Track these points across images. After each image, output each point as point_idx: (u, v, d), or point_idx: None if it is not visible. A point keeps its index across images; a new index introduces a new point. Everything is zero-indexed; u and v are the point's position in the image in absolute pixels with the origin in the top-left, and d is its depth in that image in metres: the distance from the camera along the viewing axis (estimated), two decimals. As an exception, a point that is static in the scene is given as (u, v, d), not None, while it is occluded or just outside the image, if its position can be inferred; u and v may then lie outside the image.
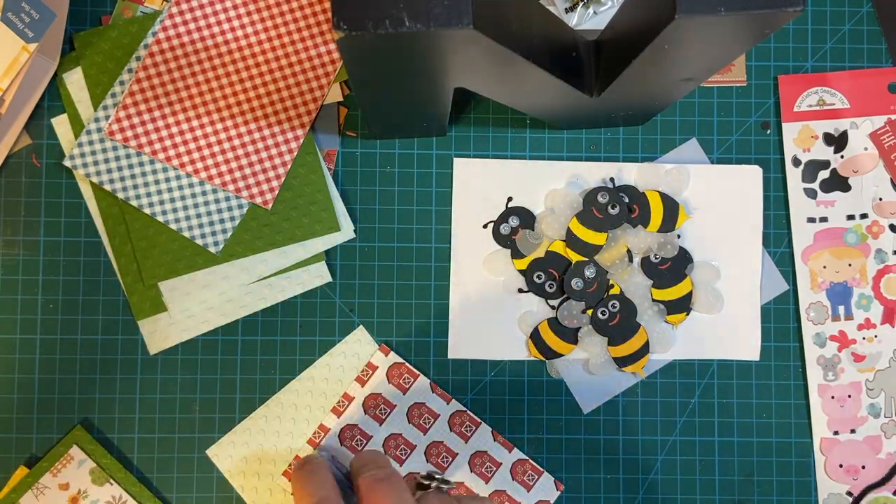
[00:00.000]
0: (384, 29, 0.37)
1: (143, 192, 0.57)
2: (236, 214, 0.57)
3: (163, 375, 0.58)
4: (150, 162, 0.57)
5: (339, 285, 0.58)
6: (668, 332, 0.58)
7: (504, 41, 0.41)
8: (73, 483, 0.56)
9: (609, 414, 0.59)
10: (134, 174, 0.57)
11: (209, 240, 0.57)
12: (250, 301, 0.58)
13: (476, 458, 0.58)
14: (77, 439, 0.56)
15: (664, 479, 0.59)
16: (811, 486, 0.59)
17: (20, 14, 0.53)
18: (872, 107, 0.59)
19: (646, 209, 0.58)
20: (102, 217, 0.57)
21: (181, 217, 0.57)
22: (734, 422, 0.59)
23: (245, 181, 0.57)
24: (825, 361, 0.59)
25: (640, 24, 0.43)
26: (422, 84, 0.47)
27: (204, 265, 0.57)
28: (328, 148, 0.59)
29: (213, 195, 0.57)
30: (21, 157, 0.58)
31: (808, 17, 0.60)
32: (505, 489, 0.58)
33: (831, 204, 0.59)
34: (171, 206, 0.57)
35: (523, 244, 0.58)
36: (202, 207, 0.57)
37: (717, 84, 0.60)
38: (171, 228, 0.57)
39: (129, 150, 0.57)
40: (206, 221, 0.57)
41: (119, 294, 0.57)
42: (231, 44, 0.57)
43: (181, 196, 0.57)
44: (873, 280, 0.59)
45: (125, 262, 0.57)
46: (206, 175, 0.57)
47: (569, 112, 0.54)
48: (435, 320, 0.58)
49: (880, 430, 0.59)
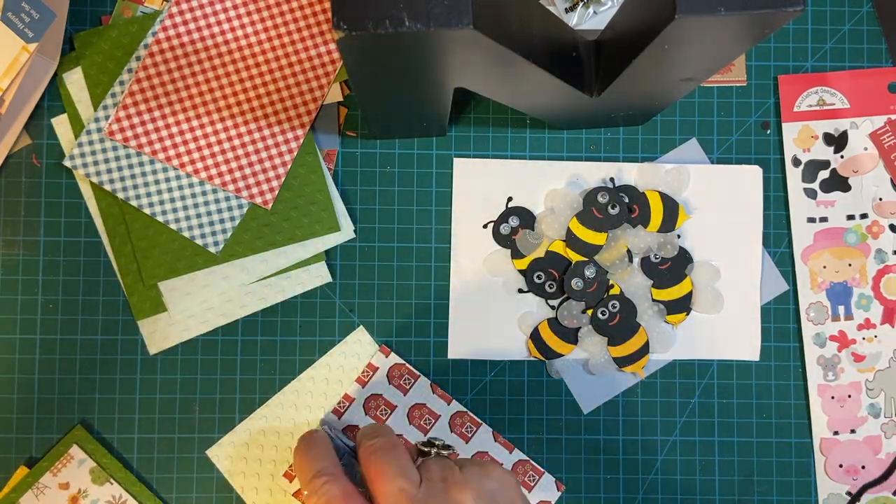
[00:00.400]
0: (384, 29, 0.37)
1: (143, 192, 0.57)
2: (236, 214, 0.57)
3: (163, 375, 0.58)
4: (150, 162, 0.57)
5: (339, 285, 0.58)
6: (668, 332, 0.58)
7: (504, 41, 0.41)
8: (73, 483, 0.56)
9: (609, 414, 0.59)
10: (134, 174, 0.57)
11: (209, 240, 0.57)
12: (250, 301, 0.58)
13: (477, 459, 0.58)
14: (77, 439, 0.56)
15: (664, 479, 0.59)
16: (811, 486, 0.59)
17: (20, 14, 0.53)
18: (872, 107, 0.59)
19: (646, 209, 0.58)
20: (102, 217, 0.57)
21: (181, 217, 0.57)
22: (734, 422, 0.59)
23: (245, 181, 0.57)
24: (825, 361, 0.59)
25: (640, 24, 0.43)
26: (422, 84, 0.47)
27: (204, 265, 0.57)
28: (328, 148, 0.59)
29: (213, 195, 0.57)
30: (21, 157, 0.58)
31: (808, 17, 0.60)
32: None
33: (831, 204, 0.59)
34: (171, 206, 0.57)
35: (523, 244, 0.58)
36: (202, 207, 0.57)
37: (717, 84, 0.60)
38: (171, 228, 0.57)
39: (129, 150, 0.57)
40: (206, 221, 0.57)
41: (119, 294, 0.57)
42: (231, 44, 0.57)
43: (181, 196, 0.57)
44: (873, 280, 0.59)
45: (125, 262, 0.57)
46: (206, 175, 0.57)
47: (569, 112, 0.54)
48: (435, 320, 0.58)
49: (880, 430, 0.59)
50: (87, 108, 0.57)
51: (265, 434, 0.58)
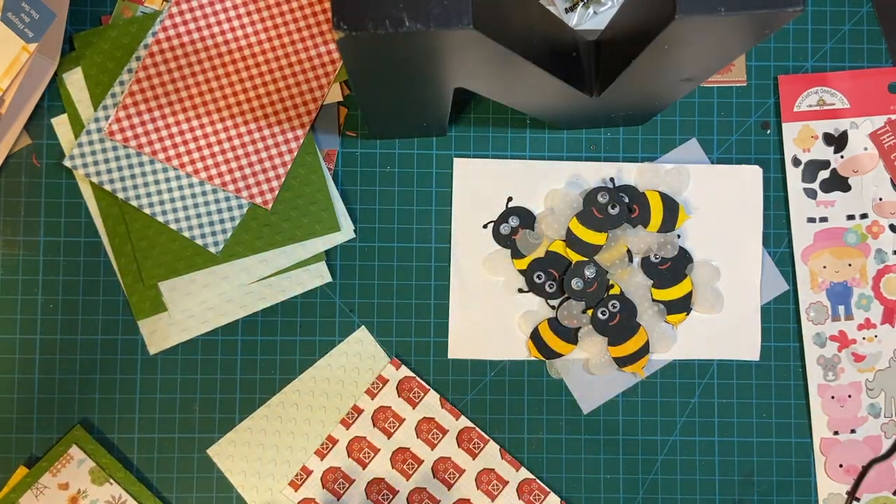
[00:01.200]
0: (384, 29, 0.37)
1: (143, 192, 0.57)
2: (236, 214, 0.57)
3: (163, 375, 0.58)
4: (150, 162, 0.57)
5: (339, 285, 0.58)
6: (668, 332, 0.59)
7: (504, 41, 0.41)
8: (72, 483, 0.56)
9: (609, 414, 0.59)
10: (134, 174, 0.57)
11: (209, 240, 0.57)
12: (250, 301, 0.58)
13: (483, 476, 0.58)
14: (77, 439, 0.56)
15: (664, 479, 0.59)
16: (811, 486, 0.59)
17: (20, 14, 0.53)
18: (872, 107, 0.59)
19: (646, 209, 0.58)
20: (102, 217, 0.57)
21: (181, 217, 0.57)
22: (734, 422, 0.59)
23: (245, 181, 0.57)
24: (825, 361, 0.59)
25: (640, 24, 0.43)
26: (422, 84, 0.47)
27: (204, 265, 0.57)
28: (328, 148, 0.59)
29: (213, 195, 0.57)
30: (21, 157, 0.58)
31: (808, 17, 0.60)
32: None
33: (831, 204, 0.59)
34: (171, 207, 0.57)
35: (523, 244, 0.58)
36: (202, 207, 0.57)
37: (717, 84, 0.60)
38: (171, 228, 0.57)
39: (129, 150, 0.57)
40: (207, 221, 0.57)
41: (119, 294, 0.57)
42: (231, 44, 0.57)
43: (181, 196, 0.57)
44: (873, 280, 0.59)
45: (125, 262, 0.57)
46: (206, 175, 0.57)
47: (569, 112, 0.54)
48: (435, 320, 0.58)
49: (880, 430, 0.59)
50: (87, 108, 0.57)
51: (266, 433, 0.58)
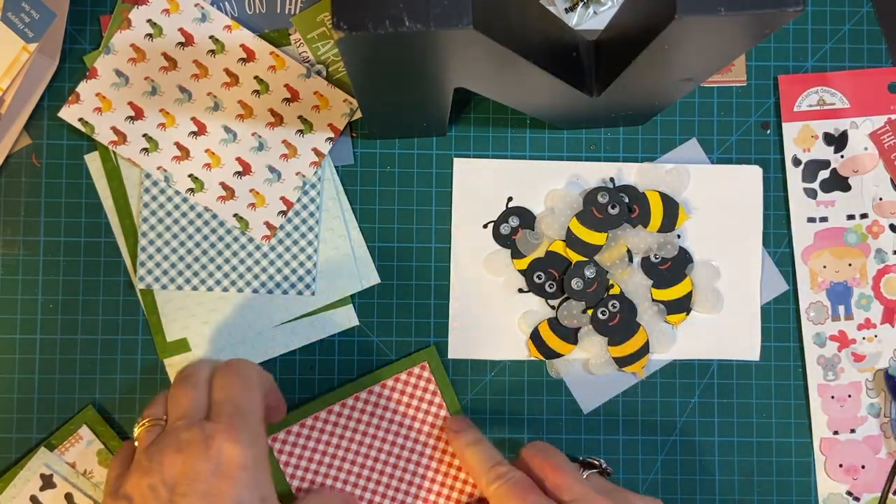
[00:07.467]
0: (384, 29, 0.37)
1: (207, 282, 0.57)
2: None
3: (163, 375, 0.58)
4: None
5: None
6: (668, 332, 0.58)
7: (504, 41, 0.41)
8: (79, 463, 0.56)
9: (609, 414, 0.59)
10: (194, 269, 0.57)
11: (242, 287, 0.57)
12: (275, 347, 0.58)
13: None
14: (87, 419, 0.56)
15: (664, 479, 0.59)
16: (811, 486, 0.59)
17: (20, 14, 0.53)
18: (872, 107, 0.59)
19: (646, 209, 0.58)
20: (124, 233, 0.57)
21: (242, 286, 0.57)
22: (734, 422, 0.59)
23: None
24: (825, 361, 0.59)
25: (640, 24, 0.43)
26: (422, 84, 0.47)
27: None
28: (328, 149, 0.59)
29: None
30: (21, 157, 0.58)
31: (808, 17, 0.60)
32: None
33: (831, 204, 0.59)
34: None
35: (523, 244, 0.58)
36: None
37: (717, 84, 0.60)
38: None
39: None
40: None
41: (119, 294, 0.57)
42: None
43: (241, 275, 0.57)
44: (873, 280, 0.59)
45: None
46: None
47: (569, 112, 0.54)
48: (435, 320, 0.58)
49: (880, 430, 0.59)
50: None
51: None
